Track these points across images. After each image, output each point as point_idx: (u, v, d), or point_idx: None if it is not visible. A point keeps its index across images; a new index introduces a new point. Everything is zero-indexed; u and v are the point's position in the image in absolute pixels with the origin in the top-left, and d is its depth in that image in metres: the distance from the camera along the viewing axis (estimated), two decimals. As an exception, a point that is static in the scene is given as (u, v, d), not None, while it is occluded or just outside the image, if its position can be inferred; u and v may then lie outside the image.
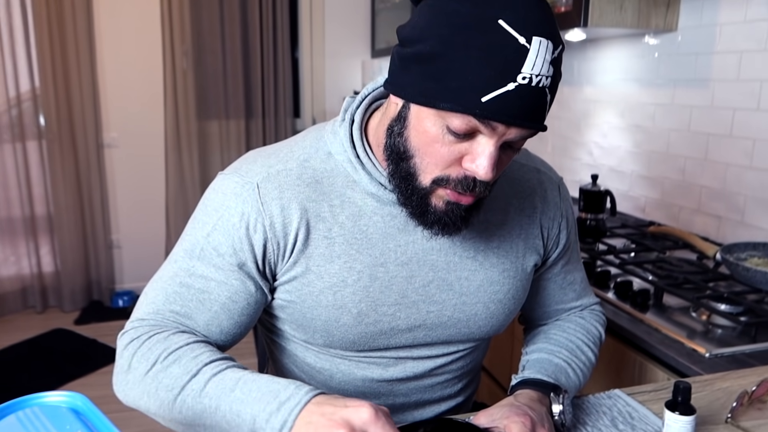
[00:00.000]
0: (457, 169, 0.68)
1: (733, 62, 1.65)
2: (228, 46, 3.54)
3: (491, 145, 0.65)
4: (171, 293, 0.76)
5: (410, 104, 0.69)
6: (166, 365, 0.70)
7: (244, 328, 0.80)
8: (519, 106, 0.62)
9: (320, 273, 0.78)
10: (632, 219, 2.04)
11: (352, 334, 0.80)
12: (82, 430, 0.48)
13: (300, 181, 0.78)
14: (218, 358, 0.71)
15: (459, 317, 0.83)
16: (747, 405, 0.85)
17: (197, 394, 0.67)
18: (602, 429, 0.79)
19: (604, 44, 2.18)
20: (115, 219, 3.64)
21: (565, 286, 0.96)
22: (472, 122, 0.64)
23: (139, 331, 0.74)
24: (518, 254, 0.86)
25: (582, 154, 2.35)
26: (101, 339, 3.12)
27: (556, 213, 0.89)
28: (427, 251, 0.81)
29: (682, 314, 1.25)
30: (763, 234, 1.58)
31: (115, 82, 3.49)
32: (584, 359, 0.89)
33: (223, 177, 0.80)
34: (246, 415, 0.64)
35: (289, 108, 3.76)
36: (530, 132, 0.67)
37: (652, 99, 1.96)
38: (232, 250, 0.76)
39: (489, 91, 0.61)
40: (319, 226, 0.77)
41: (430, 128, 0.67)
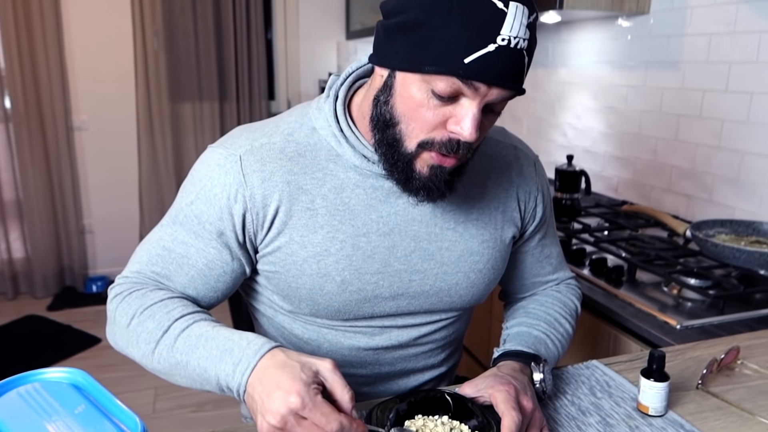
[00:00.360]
0: (442, 132, 0.71)
1: (703, 44, 1.69)
2: (200, 26, 3.47)
3: (474, 107, 0.69)
4: (154, 255, 0.82)
5: (396, 73, 0.72)
6: (142, 320, 0.75)
7: (220, 294, 0.84)
8: (499, 66, 0.66)
9: (303, 243, 0.80)
10: (606, 198, 2.09)
11: (336, 302, 0.83)
12: (85, 404, 0.49)
13: (283, 155, 0.80)
14: (188, 313, 0.76)
15: (440, 286, 0.86)
16: (716, 372, 0.90)
17: (170, 348, 0.73)
18: (581, 397, 0.83)
19: (578, 26, 2.21)
20: (87, 203, 3.58)
21: (542, 260, 0.99)
22: (455, 84, 0.67)
23: (122, 287, 0.80)
24: (497, 226, 0.89)
25: (557, 136, 2.39)
26: (76, 325, 3.08)
27: (532, 187, 0.93)
28: (409, 222, 0.83)
29: (654, 289, 1.30)
30: (730, 211, 1.64)
31: (84, 64, 3.40)
32: (562, 331, 0.92)
33: (211, 149, 0.83)
34: (211, 372, 0.69)
35: (264, 90, 3.72)
36: (510, 94, 0.70)
37: (625, 81, 2.00)
38: (213, 218, 0.80)
39: (471, 53, 0.65)
40: (302, 198, 0.80)
41: (415, 93, 0.70)
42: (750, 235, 1.42)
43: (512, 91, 0.69)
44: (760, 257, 1.23)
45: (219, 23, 3.51)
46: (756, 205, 1.57)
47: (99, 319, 3.17)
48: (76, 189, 3.48)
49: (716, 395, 0.84)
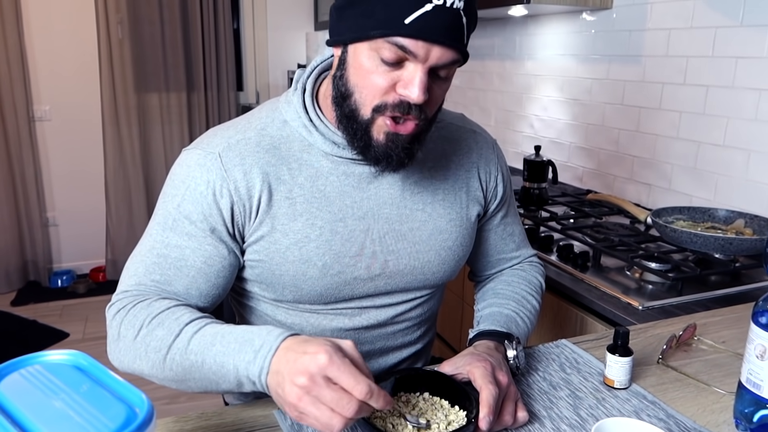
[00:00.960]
0: (393, 95, 0.75)
1: (662, 39, 1.76)
2: (166, 16, 3.42)
3: (420, 70, 0.73)
4: (150, 264, 0.81)
5: (348, 47, 0.77)
6: (151, 329, 0.75)
7: (222, 290, 0.85)
8: (438, 25, 0.71)
9: (285, 231, 0.83)
10: (571, 188, 2.17)
11: (319, 286, 0.86)
12: (89, 383, 0.51)
13: (259, 148, 0.83)
14: (198, 317, 0.76)
15: (414, 264, 0.91)
16: (675, 347, 0.96)
17: (183, 351, 0.72)
18: (552, 374, 0.88)
19: (544, 20, 2.26)
20: (51, 196, 3.50)
21: (505, 237, 1.05)
22: (399, 51, 0.72)
23: (123, 302, 0.79)
24: (462, 205, 0.94)
25: (524, 127, 2.45)
26: (42, 320, 3.03)
27: (492, 168, 0.99)
28: (381, 206, 0.88)
29: (617, 273, 1.37)
30: (688, 199, 1.73)
31: (45, 53, 3.31)
32: (530, 307, 0.98)
33: (187, 152, 0.85)
34: (229, 366, 0.69)
35: (232, 81, 3.69)
36: (453, 56, 0.74)
37: (589, 74, 2.07)
38: (203, 216, 0.81)
39: (410, 13, 0.70)
40: (280, 188, 0.83)
41: (365, 62, 0.75)
42: (706, 221, 1.50)
43: (453, 52, 0.74)
44: (715, 241, 1.30)
45: (185, 13, 3.47)
46: (711, 192, 1.65)
47: (65, 314, 3.12)
48: (39, 181, 3.40)
49: (675, 368, 0.90)
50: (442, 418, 0.72)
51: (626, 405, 0.80)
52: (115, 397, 0.49)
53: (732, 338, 0.99)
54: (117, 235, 3.52)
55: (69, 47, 3.36)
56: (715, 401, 0.82)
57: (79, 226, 3.59)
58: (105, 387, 0.51)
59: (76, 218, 3.57)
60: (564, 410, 0.79)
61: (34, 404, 0.48)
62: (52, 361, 0.55)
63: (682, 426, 0.75)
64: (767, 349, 0.69)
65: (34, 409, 0.47)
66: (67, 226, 3.57)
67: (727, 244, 1.30)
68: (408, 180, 0.90)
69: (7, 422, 0.45)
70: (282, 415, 0.77)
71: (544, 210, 1.84)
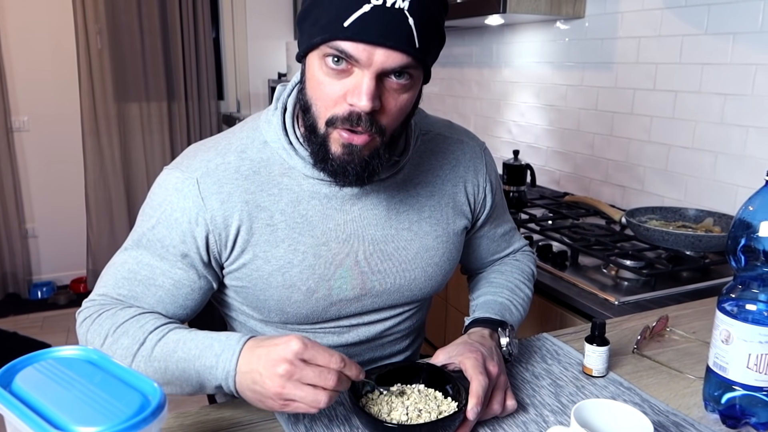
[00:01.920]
0: (343, 106, 0.72)
1: (633, 47, 1.84)
2: (146, 25, 3.43)
3: (366, 76, 0.70)
4: (120, 278, 0.82)
5: (305, 59, 0.76)
6: (116, 338, 0.77)
7: (189, 311, 0.85)
8: (378, 25, 0.67)
9: (267, 258, 0.83)
10: (549, 191, 2.23)
11: (304, 309, 0.86)
12: (102, 375, 0.54)
13: (238, 174, 0.82)
14: (162, 324, 0.78)
15: (401, 283, 0.91)
16: (648, 338, 1.01)
17: (147, 359, 0.75)
18: (534, 364, 0.93)
19: (520, 29, 2.34)
20: (29, 207, 3.47)
21: (497, 239, 1.06)
22: (338, 52, 0.69)
23: (90, 310, 0.81)
24: (448, 221, 0.94)
25: (502, 132, 2.52)
26: (22, 332, 3.00)
27: (480, 179, 0.97)
28: (365, 227, 0.86)
29: (594, 271, 1.42)
30: (660, 199, 1.80)
31: (23, 63, 3.30)
32: (522, 295, 1.01)
33: (167, 172, 0.84)
34: (191, 371, 0.72)
35: (213, 90, 3.70)
36: (401, 60, 0.70)
37: (564, 80, 2.14)
38: (175, 242, 0.81)
39: (348, 16, 0.67)
40: (261, 215, 0.82)
41: (316, 72, 0.73)
42: (677, 220, 1.57)
43: (401, 54, 0.69)
44: (685, 239, 1.37)
45: (165, 22, 3.48)
46: (682, 193, 1.73)
47: (46, 325, 3.10)
48: (17, 192, 3.37)
49: (649, 357, 0.95)
50: (434, 407, 0.75)
51: (604, 391, 0.85)
52: (128, 386, 0.52)
53: (702, 329, 1.05)
54: (98, 245, 3.50)
55: (47, 57, 3.35)
56: (686, 386, 0.87)
57: (59, 237, 3.56)
58: (117, 378, 0.54)
59: (55, 229, 3.54)
60: (546, 398, 0.83)
61: (51, 394, 0.51)
62: (64, 356, 0.57)
63: (656, 409, 0.80)
64: (731, 334, 0.75)
65: (51, 399, 0.50)
66: (47, 237, 3.54)
67: (696, 242, 1.36)
68: (393, 199, 0.88)
69: (29, 411, 0.48)
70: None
71: (524, 212, 1.90)
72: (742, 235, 0.75)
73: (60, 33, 3.33)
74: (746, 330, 0.73)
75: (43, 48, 3.33)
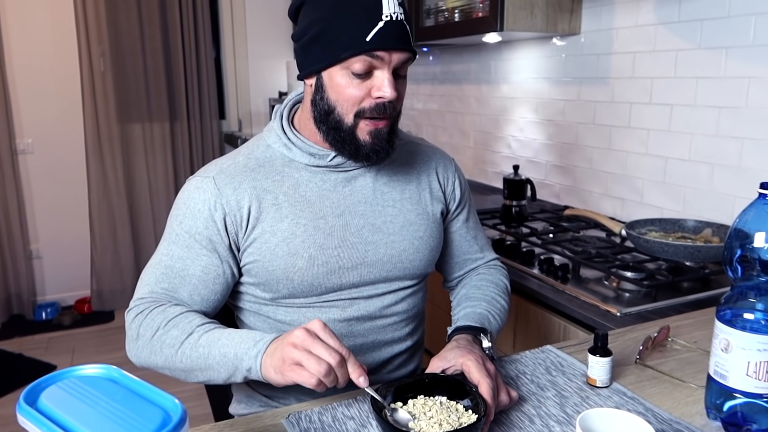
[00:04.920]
0: (369, 100, 0.92)
1: (628, 62, 1.88)
2: (148, 47, 3.48)
3: (386, 72, 0.91)
4: (159, 275, 0.96)
5: (322, 74, 0.93)
6: (167, 329, 0.89)
7: (220, 296, 0.99)
8: (392, 35, 0.89)
9: (274, 231, 0.97)
10: (549, 204, 2.26)
11: (308, 276, 0.98)
12: (124, 392, 0.56)
13: (246, 168, 0.99)
14: (208, 322, 0.90)
15: (392, 253, 1.03)
16: (651, 348, 1.03)
17: (194, 345, 0.87)
18: (539, 376, 0.94)
19: (517, 46, 2.38)
20: (34, 228, 3.50)
21: (470, 239, 1.18)
22: (366, 60, 0.89)
23: (141, 307, 0.93)
24: (427, 202, 1.09)
25: (501, 147, 2.55)
26: (27, 353, 3.01)
27: (449, 174, 1.14)
28: (356, 204, 1.02)
29: (596, 283, 1.44)
30: (659, 211, 1.82)
31: (27, 86, 3.35)
32: (499, 307, 1.09)
33: (188, 180, 1.00)
34: (230, 354, 0.83)
35: (215, 110, 3.74)
36: (406, 57, 0.91)
37: (561, 96, 2.17)
38: (200, 228, 0.96)
39: (369, 32, 0.88)
40: (267, 197, 0.97)
41: (341, 80, 0.91)
42: (676, 232, 1.59)
43: (407, 53, 0.91)
44: (685, 250, 1.39)
45: (167, 43, 3.53)
46: (680, 204, 1.75)
47: (51, 346, 3.11)
48: (22, 214, 3.40)
49: (652, 367, 0.97)
50: (455, 420, 0.77)
51: (608, 401, 0.86)
52: (150, 402, 0.54)
53: (703, 338, 1.07)
54: (102, 265, 3.52)
55: (51, 79, 3.40)
56: (689, 395, 0.89)
57: (63, 258, 3.58)
58: (139, 395, 0.56)
59: (60, 250, 3.57)
60: (552, 408, 0.85)
61: (75, 411, 0.53)
62: (87, 375, 0.59)
63: (659, 418, 0.82)
64: (730, 343, 0.77)
65: (76, 416, 0.52)
66: (51, 257, 3.56)
67: (696, 252, 1.39)
68: (378, 182, 1.04)
69: (56, 427, 0.50)
70: (290, 424, 0.81)
71: (525, 226, 1.92)
72: (738, 246, 0.77)
73: (63, 55, 3.39)
74: (745, 338, 0.75)
75: (46, 70, 3.38)
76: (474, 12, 2.09)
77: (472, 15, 2.09)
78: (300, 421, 0.82)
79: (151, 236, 3.65)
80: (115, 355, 2.99)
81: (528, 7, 1.93)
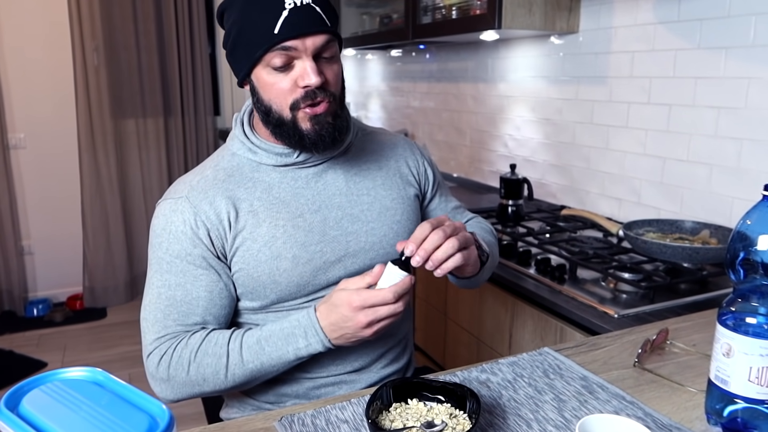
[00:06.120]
0: (298, 91, 0.91)
1: (627, 61, 1.86)
2: (142, 42, 3.45)
3: (306, 60, 0.90)
4: (164, 308, 0.95)
5: (251, 77, 0.94)
6: (198, 361, 0.91)
7: (229, 309, 0.99)
8: (299, 21, 0.88)
9: (254, 237, 0.96)
10: (546, 204, 2.24)
11: (295, 276, 0.98)
12: (110, 397, 0.54)
13: (216, 180, 0.98)
14: (230, 335, 0.93)
15: (373, 240, 1.04)
16: (649, 352, 1.01)
17: (241, 365, 0.91)
18: (537, 379, 0.93)
19: (515, 44, 2.36)
20: (26, 224, 3.47)
21: (450, 212, 1.23)
22: (282, 53, 0.88)
23: (162, 348, 0.94)
24: (399, 187, 1.10)
25: (498, 146, 2.53)
26: (18, 350, 2.98)
27: (418, 159, 1.16)
28: (331, 197, 1.02)
29: (593, 284, 1.43)
30: (656, 212, 1.81)
31: (20, 80, 3.31)
32: (489, 240, 1.17)
33: (160, 204, 0.99)
34: (289, 356, 0.91)
35: (209, 105, 3.72)
36: (325, 38, 0.90)
37: (559, 94, 2.16)
38: (190, 249, 0.94)
39: (275, 24, 0.87)
40: (243, 206, 0.97)
41: (266, 78, 0.92)
42: (674, 233, 1.58)
43: (323, 35, 0.89)
44: (683, 251, 1.38)
45: (162, 38, 3.50)
46: (678, 205, 1.74)
47: (42, 343, 3.08)
48: (13, 209, 3.37)
49: (650, 371, 0.95)
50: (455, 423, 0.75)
51: (607, 406, 0.85)
52: (136, 407, 0.52)
53: (702, 341, 1.06)
54: (94, 262, 3.49)
55: (44, 74, 3.36)
56: (688, 399, 0.87)
57: (56, 254, 3.55)
58: (125, 399, 0.54)
59: (52, 246, 3.54)
60: (549, 413, 0.83)
61: (59, 417, 0.51)
62: (71, 378, 0.57)
63: (659, 423, 0.81)
64: (732, 347, 0.75)
65: (59, 422, 0.50)
66: (43, 254, 3.53)
67: (694, 254, 1.37)
68: (349, 173, 1.05)
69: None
70: (283, 427, 0.80)
71: (521, 226, 1.91)
72: (740, 249, 0.76)
73: (57, 50, 3.35)
74: (747, 343, 0.74)
75: (39, 65, 3.34)
76: (472, 9, 2.07)
77: (470, 12, 2.08)
78: (293, 424, 0.80)
79: (144, 233, 3.62)
80: (107, 353, 2.97)
81: (526, 4, 1.92)
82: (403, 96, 3.24)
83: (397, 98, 3.31)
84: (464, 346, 1.80)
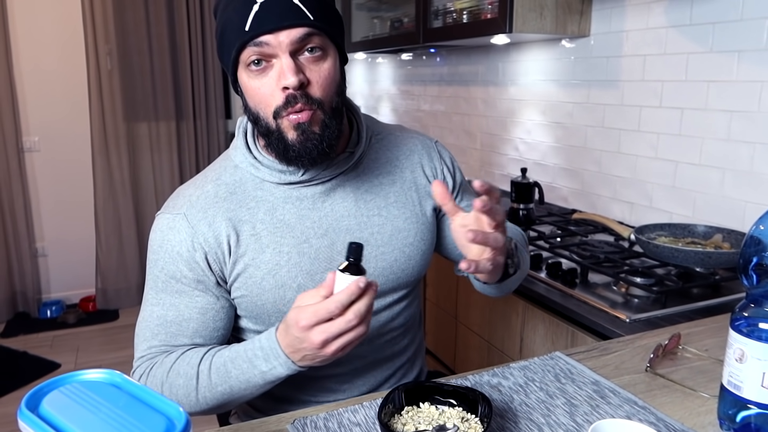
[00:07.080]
0: (279, 96, 0.82)
1: (638, 65, 1.86)
2: (155, 46, 3.48)
3: (284, 58, 0.81)
4: (154, 327, 0.92)
5: (238, 80, 0.86)
6: (171, 382, 0.88)
7: (223, 331, 0.95)
8: (271, 15, 0.79)
9: (257, 264, 0.91)
10: (557, 208, 2.24)
11: None
12: (127, 398, 0.55)
13: (218, 198, 0.92)
14: (203, 354, 0.88)
15: (383, 266, 0.97)
16: (661, 356, 1.01)
17: (210, 388, 0.86)
18: (548, 384, 0.93)
19: (525, 48, 2.36)
20: (40, 226, 3.51)
21: None
22: (256, 50, 0.81)
23: (143, 367, 0.91)
24: (414, 203, 1.01)
25: (509, 150, 2.53)
26: (32, 351, 3.01)
27: (436, 164, 1.06)
28: (339, 219, 0.94)
29: (604, 288, 1.42)
30: (668, 216, 1.80)
31: (34, 84, 3.35)
32: (519, 236, 1.11)
33: (158, 218, 0.93)
34: (257, 380, 0.84)
35: (221, 109, 3.74)
36: (303, 32, 0.80)
37: (570, 98, 2.15)
38: (186, 272, 0.90)
39: (245, 21, 0.80)
40: (244, 228, 0.91)
41: (247, 81, 0.84)
42: (686, 237, 1.57)
43: (301, 28, 0.80)
44: (695, 256, 1.37)
45: (174, 42, 3.53)
46: (690, 209, 1.73)
47: (56, 344, 3.11)
48: (28, 212, 3.41)
49: (663, 376, 0.95)
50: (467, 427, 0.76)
51: (619, 410, 0.85)
52: (153, 409, 0.53)
53: (714, 346, 1.05)
54: (107, 264, 3.52)
55: (58, 78, 3.40)
56: (701, 405, 0.87)
57: (69, 256, 3.58)
58: (142, 401, 0.55)
59: (65, 248, 3.57)
60: (561, 417, 0.83)
61: (78, 418, 0.52)
62: (89, 380, 0.58)
63: (671, 428, 0.80)
64: (745, 353, 0.75)
65: (78, 423, 0.51)
66: (57, 256, 3.57)
67: (706, 258, 1.37)
68: (359, 191, 0.97)
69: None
70: (296, 430, 0.80)
71: (532, 230, 1.90)
72: (753, 253, 0.76)
73: (70, 54, 3.39)
74: (760, 349, 0.74)
75: (53, 68, 3.38)
76: (482, 13, 2.07)
77: (481, 16, 2.08)
78: (305, 427, 0.81)
79: (156, 235, 3.65)
80: (120, 354, 2.99)
81: (537, 8, 1.92)
82: (414, 99, 3.25)
83: (408, 101, 3.32)
84: (475, 350, 1.80)
